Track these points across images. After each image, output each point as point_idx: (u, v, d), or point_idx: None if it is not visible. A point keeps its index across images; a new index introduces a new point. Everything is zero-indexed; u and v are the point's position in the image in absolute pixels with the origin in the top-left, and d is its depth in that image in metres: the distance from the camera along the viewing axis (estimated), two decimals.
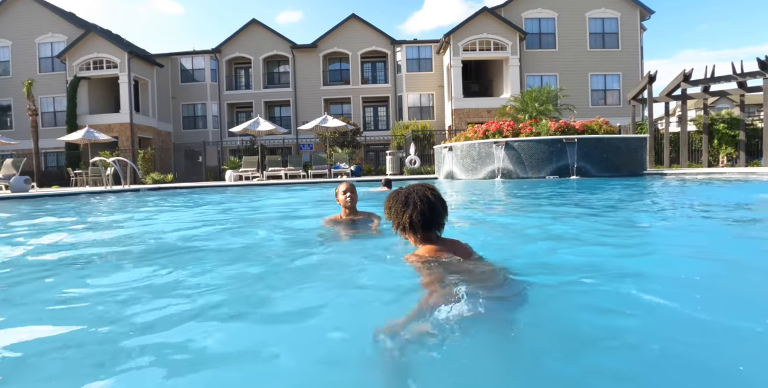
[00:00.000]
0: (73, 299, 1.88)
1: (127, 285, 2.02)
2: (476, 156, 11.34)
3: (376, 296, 1.75)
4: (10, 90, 24.59)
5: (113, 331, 1.46)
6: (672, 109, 21.41)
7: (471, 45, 23.21)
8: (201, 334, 1.41)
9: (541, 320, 1.45)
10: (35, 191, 12.31)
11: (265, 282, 2.06)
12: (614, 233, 3.27)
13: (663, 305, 1.54)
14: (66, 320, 1.61)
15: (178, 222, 4.90)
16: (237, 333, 1.44)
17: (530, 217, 4.40)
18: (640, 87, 15.69)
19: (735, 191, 6.96)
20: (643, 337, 1.31)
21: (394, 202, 1.91)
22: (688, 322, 1.40)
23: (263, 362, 1.23)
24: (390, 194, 1.99)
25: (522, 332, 1.36)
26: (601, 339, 1.31)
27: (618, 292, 1.71)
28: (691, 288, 1.77)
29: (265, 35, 27.48)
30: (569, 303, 1.63)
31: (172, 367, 1.19)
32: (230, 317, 1.58)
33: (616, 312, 1.51)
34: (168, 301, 1.76)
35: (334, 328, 1.44)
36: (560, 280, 1.91)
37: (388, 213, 1.94)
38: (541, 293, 1.66)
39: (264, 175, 17.88)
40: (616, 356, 1.21)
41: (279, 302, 1.75)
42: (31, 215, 6.14)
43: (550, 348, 1.25)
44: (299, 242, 3.17)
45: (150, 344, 1.33)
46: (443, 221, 1.90)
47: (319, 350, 1.28)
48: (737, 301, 1.63)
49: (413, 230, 1.86)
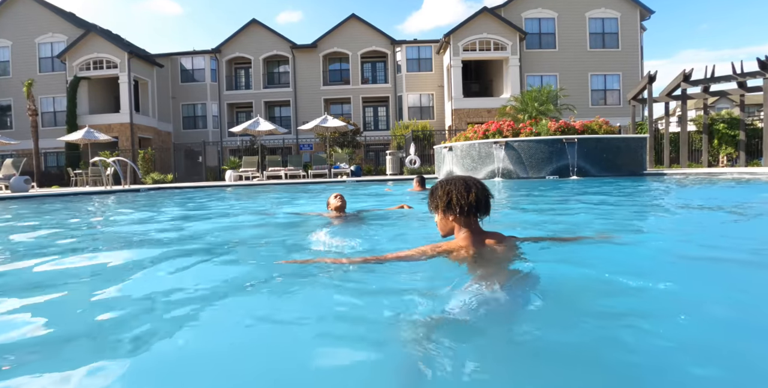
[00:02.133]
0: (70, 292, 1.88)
1: (127, 284, 2.02)
2: (476, 156, 11.34)
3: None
4: (10, 90, 24.60)
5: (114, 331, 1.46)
6: (672, 109, 21.40)
7: (471, 45, 23.22)
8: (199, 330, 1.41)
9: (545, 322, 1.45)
10: (35, 191, 12.31)
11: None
12: (614, 233, 3.27)
13: (667, 306, 1.54)
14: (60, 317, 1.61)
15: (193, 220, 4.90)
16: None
17: (529, 216, 4.40)
18: (640, 87, 15.69)
19: (735, 191, 6.96)
20: (641, 337, 1.31)
21: (454, 186, 1.95)
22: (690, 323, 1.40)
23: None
24: (439, 182, 2.04)
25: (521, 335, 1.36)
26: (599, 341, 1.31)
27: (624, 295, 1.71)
28: (691, 288, 1.77)
29: (265, 35, 27.48)
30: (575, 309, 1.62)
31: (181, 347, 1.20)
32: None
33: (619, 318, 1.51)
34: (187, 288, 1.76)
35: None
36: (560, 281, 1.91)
37: (443, 199, 1.95)
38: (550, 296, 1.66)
39: (264, 175, 17.88)
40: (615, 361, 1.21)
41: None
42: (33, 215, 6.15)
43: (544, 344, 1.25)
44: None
45: (149, 342, 1.33)
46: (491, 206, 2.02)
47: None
48: (737, 300, 1.63)
49: (474, 211, 1.93)
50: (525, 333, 1.35)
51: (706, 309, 1.51)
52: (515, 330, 1.36)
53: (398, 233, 3.45)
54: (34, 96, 20.30)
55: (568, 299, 1.64)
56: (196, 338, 1.40)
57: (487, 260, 1.87)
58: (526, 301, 1.53)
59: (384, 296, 1.69)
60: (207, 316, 1.59)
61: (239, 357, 1.25)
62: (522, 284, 1.65)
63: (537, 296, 1.56)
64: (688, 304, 1.57)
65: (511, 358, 1.20)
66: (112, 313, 1.64)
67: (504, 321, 1.40)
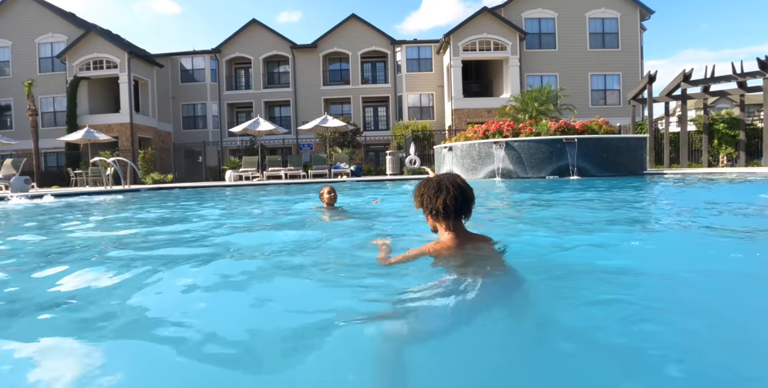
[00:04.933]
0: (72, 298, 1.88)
1: (127, 283, 2.02)
2: (476, 156, 11.34)
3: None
4: (10, 90, 24.58)
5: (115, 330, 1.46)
6: (672, 109, 21.39)
7: (471, 45, 23.21)
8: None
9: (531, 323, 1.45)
10: (35, 191, 12.31)
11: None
12: (614, 232, 3.27)
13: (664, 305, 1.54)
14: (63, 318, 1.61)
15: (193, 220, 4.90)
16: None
17: (528, 215, 4.40)
18: (640, 87, 15.69)
19: (736, 191, 6.96)
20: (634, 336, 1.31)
21: (426, 189, 1.97)
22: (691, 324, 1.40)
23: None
24: (420, 182, 2.06)
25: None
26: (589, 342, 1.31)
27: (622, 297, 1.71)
28: (692, 288, 1.77)
29: (265, 35, 27.47)
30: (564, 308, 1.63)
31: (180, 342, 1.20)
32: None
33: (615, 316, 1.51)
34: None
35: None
36: (554, 281, 1.91)
37: (419, 200, 1.99)
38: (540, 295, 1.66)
39: (264, 175, 17.88)
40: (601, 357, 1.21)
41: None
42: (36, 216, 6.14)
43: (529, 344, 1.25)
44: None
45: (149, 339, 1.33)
46: (472, 207, 1.99)
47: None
48: (736, 299, 1.63)
49: (446, 216, 1.91)
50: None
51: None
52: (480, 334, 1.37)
53: (378, 224, 3.76)
54: (34, 96, 20.28)
55: (545, 305, 1.64)
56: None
57: (465, 261, 1.89)
58: (496, 302, 1.55)
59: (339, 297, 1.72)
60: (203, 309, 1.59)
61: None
62: (497, 286, 1.68)
63: (507, 300, 1.58)
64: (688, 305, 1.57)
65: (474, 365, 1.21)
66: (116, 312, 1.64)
67: (468, 323, 1.42)
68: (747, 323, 1.39)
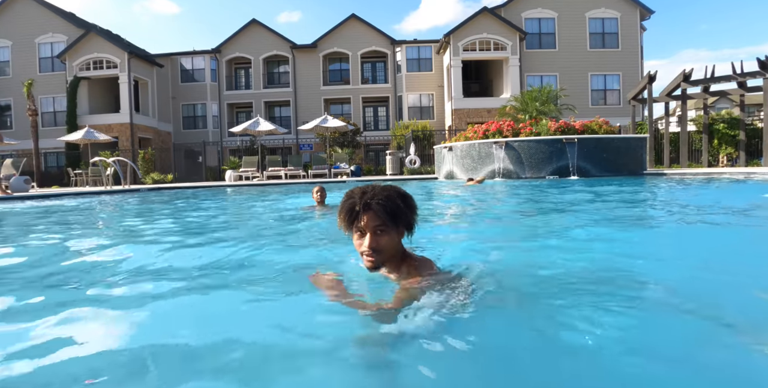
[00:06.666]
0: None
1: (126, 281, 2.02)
2: (476, 156, 11.34)
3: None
4: (10, 90, 24.58)
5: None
6: (672, 109, 21.38)
7: (471, 45, 23.22)
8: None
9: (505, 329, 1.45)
10: (35, 191, 12.31)
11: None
12: (613, 232, 3.27)
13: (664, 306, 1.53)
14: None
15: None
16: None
17: (527, 215, 4.40)
18: (640, 87, 15.69)
19: (736, 191, 6.96)
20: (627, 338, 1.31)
21: (344, 197, 1.63)
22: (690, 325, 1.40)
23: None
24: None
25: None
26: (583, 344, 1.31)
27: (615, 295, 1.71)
28: (692, 289, 1.77)
29: (265, 35, 27.47)
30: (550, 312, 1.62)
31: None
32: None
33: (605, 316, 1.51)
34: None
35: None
36: (549, 284, 1.91)
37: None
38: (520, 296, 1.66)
39: (264, 175, 17.88)
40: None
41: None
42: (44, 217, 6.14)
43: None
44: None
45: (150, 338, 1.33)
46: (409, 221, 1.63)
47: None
48: (737, 298, 1.63)
49: (346, 232, 1.61)
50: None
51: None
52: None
53: None
54: (34, 96, 20.29)
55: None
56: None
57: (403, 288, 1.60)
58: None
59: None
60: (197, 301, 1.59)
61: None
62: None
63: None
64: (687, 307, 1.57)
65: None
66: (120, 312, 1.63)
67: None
68: (747, 323, 1.39)
